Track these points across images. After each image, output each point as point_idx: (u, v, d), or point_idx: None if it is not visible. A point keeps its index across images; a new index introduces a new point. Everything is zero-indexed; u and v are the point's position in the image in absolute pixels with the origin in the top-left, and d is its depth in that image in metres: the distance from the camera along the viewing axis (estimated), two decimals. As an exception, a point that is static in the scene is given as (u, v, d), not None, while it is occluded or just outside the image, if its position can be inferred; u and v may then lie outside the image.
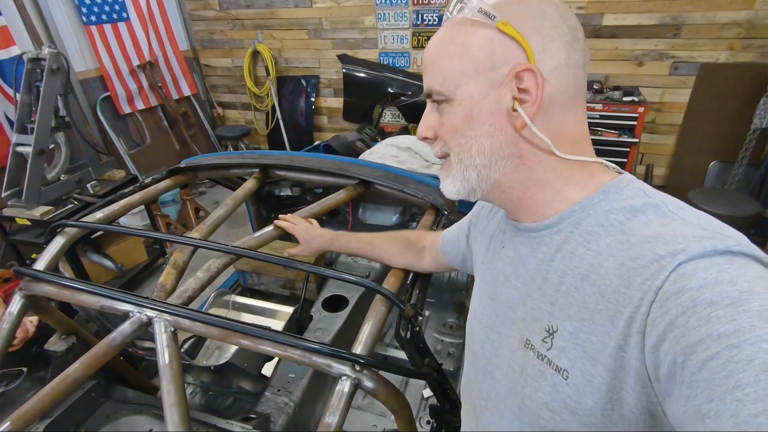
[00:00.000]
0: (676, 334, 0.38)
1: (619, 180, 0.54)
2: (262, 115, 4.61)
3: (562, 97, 0.52)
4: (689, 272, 0.40)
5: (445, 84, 0.55)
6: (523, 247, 0.60)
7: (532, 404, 0.54)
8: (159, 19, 4.03)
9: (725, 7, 2.85)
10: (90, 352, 0.92)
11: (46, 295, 1.05)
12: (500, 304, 0.63)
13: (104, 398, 1.40)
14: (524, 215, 0.59)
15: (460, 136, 0.56)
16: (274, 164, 1.51)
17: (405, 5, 3.61)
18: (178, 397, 0.84)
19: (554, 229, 0.55)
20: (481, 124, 0.54)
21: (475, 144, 0.55)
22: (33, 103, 2.37)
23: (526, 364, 0.55)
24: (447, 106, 0.56)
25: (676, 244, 0.43)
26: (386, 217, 2.51)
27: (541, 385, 0.52)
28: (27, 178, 2.30)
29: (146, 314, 0.92)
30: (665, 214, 0.48)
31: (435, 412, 0.99)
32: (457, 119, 0.55)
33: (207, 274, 1.01)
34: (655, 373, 0.41)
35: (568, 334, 0.49)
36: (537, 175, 0.55)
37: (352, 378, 0.82)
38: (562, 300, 0.51)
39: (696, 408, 0.35)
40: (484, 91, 0.53)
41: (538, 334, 0.54)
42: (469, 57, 0.53)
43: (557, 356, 0.50)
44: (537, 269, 0.56)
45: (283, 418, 1.52)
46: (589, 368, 0.47)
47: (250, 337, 0.85)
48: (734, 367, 0.34)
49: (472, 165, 0.56)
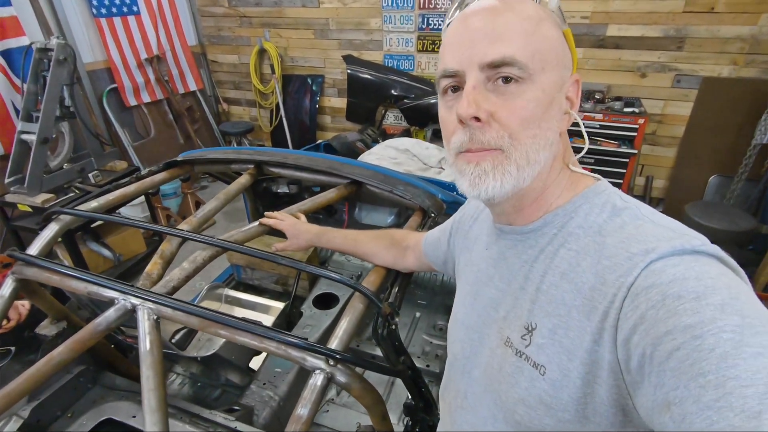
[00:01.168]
0: (646, 326, 0.40)
1: (597, 186, 0.56)
2: (266, 113, 4.65)
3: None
4: (659, 269, 0.42)
5: (534, 60, 0.49)
6: (507, 249, 0.61)
7: (508, 400, 0.55)
8: (168, 14, 4.08)
9: (729, 22, 2.85)
10: (75, 336, 0.95)
11: (38, 280, 1.08)
12: (482, 304, 0.64)
13: (92, 384, 1.43)
14: (523, 218, 0.59)
15: (536, 126, 0.51)
16: (268, 161, 1.54)
17: (411, 9, 3.63)
18: (157, 382, 0.86)
19: (540, 232, 0.57)
20: (551, 118, 0.52)
21: (543, 138, 0.52)
22: (39, 92, 2.41)
23: (505, 362, 0.56)
24: (521, 87, 0.50)
25: (647, 243, 0.45)
26: (381, 218, 2.53)
27: (518, 380, 0.53)
28: (30, 166, 2.34)
29: (131, 302, 0.95)
30: (638, 217, 0.50)
31: (410, 410, 1.00)
32: (537, 105, 0.50)
33: (192, 265, 1.04)
34: (626, 365, 0.42)
35: (547, 331, 0.51)
36: (554, 177, 0.57)
37: (325, 372, 0.84)
38: (542, 298, 0.53)
39: (663, 396, 0.37)
40: (558, 86, 0.53)
41: (517, 331, 0.55)
42: (552, 46, 0.52)
43: (535, 352, 0.52)
44: (520, 269, 0.58)
45: (267, 412, 1.54)
46: (566, 363, 0.49)
47: (229, 328, 0.88)
48: (698, 356, 0.35)
49: (535, 160, 0.52)
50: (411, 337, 2.16)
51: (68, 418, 1.33)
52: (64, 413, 1.34)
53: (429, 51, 3.75)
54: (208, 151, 1.69)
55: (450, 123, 0.54)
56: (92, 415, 1.28)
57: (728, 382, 0.33)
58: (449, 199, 1.45)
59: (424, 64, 3.83)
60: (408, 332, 2.18)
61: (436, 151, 2.77)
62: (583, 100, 3.18)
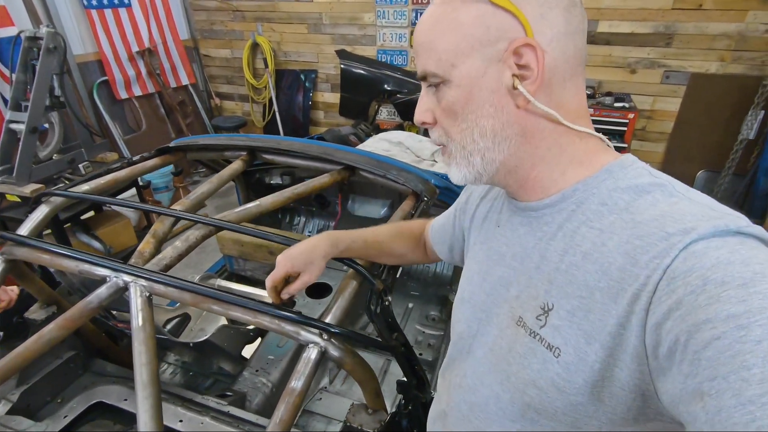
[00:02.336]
0: (682, 313, 0.38)
1: (623, 160, 0.53)
2: (259, 107, 4.63)
3: (563, 68, 0.50)
4: (700, 251, 0.40)
5: (440, 65, 0.52)
6: (521, 226, 0.59)
7: (518, 381, 0.54)
8: (160, 7, 4.05)
9: (717, 19, 2.90)
10: (65, 314, 0.94)
11: (28, 260, 1.07)
12: (491, 283, 0.62)
13: (82, 370, 1.42)
14: (528, 194, 0.57)
15: (461, 120, 0.53)
16: (261, 147, 1.54)
17: (404, 4, 3.64)
18: (149, 357, 0.86)
19: (556, 207, 0.54)
20: (482, 105, 0.51)
21: (477, 127, 0.52)
22: (29, 81, 2.38)
23: (516, 342, 0.55)
24: (444, 89, 0.53)
25: (685, 223, 0.42)
26: (375, 210, 2.53)
27: (530, 362, 0.52)
28: (18, 156, 2.31)
29: (123, 279, 0.95)
30: (672, 193, 0.47)
31: (403, 388, 1.01)
32: (455, 102, 0.52)
33: (185, 244, 1.03)
34: (654, 351, 0.40)
35: (565, 312, 0.49)
36: (542, 153, 0.54)
37: (319, 346, 0.84)
38: (561, 278, 0.50)
39: (696, 386, 0.35)
40: (482, 70, 0.50)
41: (531, 311, 0.53)
42: (462, 34, 0.50)
43: (550, 334, 0.50)
44: (535, 248, 0.55)
45: (259, 398, 1.54)
46: (583, 346, 0.47)
47: (222, 302, 0.88)
48: (741, 348, 0.33)
49: (476, 149, 0.54)
50: (404, 327, 2.17)
51: (58, 403, 1.32)
52: (53, 399, 1.33)
53: (422, 46, 3.77)
54: (200, 138, 1.68)
55: None
56: (82, 398, 1.27)
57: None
58: (441, 184, 1.46)
59: (417, 60, 3.84)
60: (401, 322, 2.19)
61: (428, 143, 2.78)
62: (575, 96, 3.21)
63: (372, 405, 0.98)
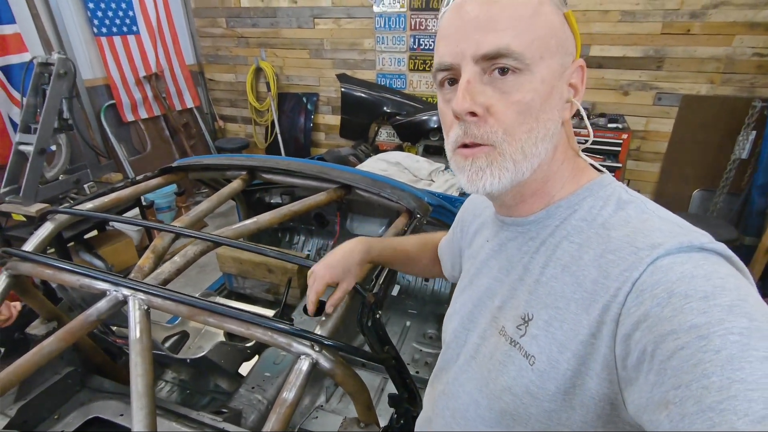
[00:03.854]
0: (649, 324, 0.39)
1: (602, 179, 0.56)
2: (261, 129, 4.73)
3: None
4: (666, 266, 0.42)
5: (532, 47, 0.48)
6: (508, 240, 0.61)
7: (495, 387, 0.56)
8: (167, 34, 4.20)
9: (705, 43, 2.99)
10: (66, 327, 0.97)
11: (31, 274, 1.10)
12: (478, 293, 0.64)
13: (80, 386, 1.43)
14: (522, 209, 0.59)
15: (533, 119, 0.50)
16: (260, 166, 1.59)
17: (403, 30, 3.77)
18: (145, 369, 0.89)
19: (542, 224, 0.56)
20: (552, 108, 0.51)
21: (542, 130, 0.50)
22: (39, 104, 2.46)
23: (497, 350, 0.56)
24: (519, 78, 0.48)
25: (654, 239, 0.44)
26: (373, 228, 2.57)
27: (507, 369, 0.54)
28: (26, 176, 2.37)
29: (122, 293, 0.98)
30: (644, 211, 0.50)
31: (394, 401, 1.02)
32: (535, 97, 0.49)
33: (183, 259, 1.07)
34: (623, 361, 0.42)
35: (542, 322, 0.51)
36: (555, 168, 0.55)
37: (311, 357, 0.86)
38: (541, 290, 0.52)
39: (661, 394, 0.36)
40: (559, 73, 0.51)
41: (512, 321, 0.55)
42: (553, 32, 0.49)
43: (528, 343, 0.52)
44: (520, 260, 0.58)
45: (255, 415, 1.54)
46: (556, 355, 0.48)
47: (217, 315, 0.90)
48: (702, 357, 0.35)
49: (533, 153, 0.51)
50: (401, 346, 2.17)
51: (54, 419, 1.33)
52: (50, 415, 1.33)
53: (420, 70, 3.88)
54: (202, 158, 1.74)
55: (447, 117, 0.53)
56: (79, 413, 1.28)
57: (733, 385, 0.32)
58: (435, 202, 1.50)
59: (415, 83, 3.95)
60: (398, 341, 2.19)
61: (426, 163, 2.83)
62: (569, 117, 3.29)
63: (363, 418, 0.99)
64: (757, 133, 2.93)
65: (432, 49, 3.75)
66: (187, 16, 4.44)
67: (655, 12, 3.03)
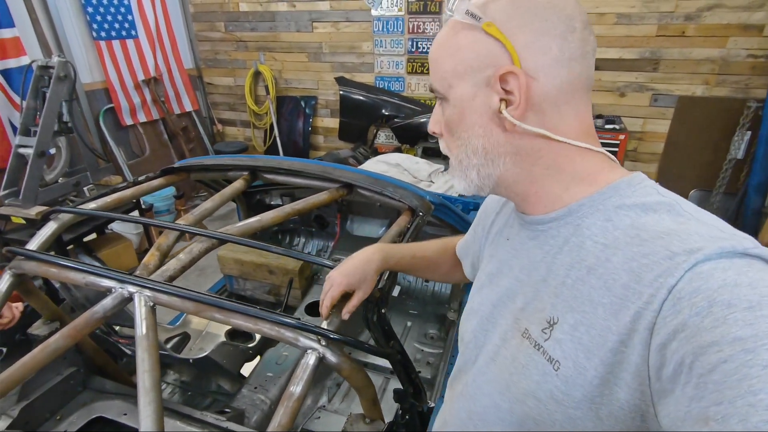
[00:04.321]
0: (687, 334, 0.37)
1: (631, 178, 0.53)
2: (260, 133, 4.74)
3: (554, 94, 0.51)
4: (707, 272, 0.39)
5: (441, 83, 0.56)
6: (529, 239, 0.60)
7: (518, 391, 0.54)
8: (166, 39, 4.22)
9: (699, 45, 3.03)
10: (71, 324, 0.97)
11: (36, 273, 1.10)
12: (498, 294, 0.63)
13: (81, 387, 1.43)
14: (532, 208, 0.58)
15: (456, 137, 0.57)
16: (262, 166, 1.59)
17: (401, 33, 3.80)
18: (152, 364, 0.89)
19: (562, 221, 0.55)
20: (472, 126, 0.55)
21: (469, 145, 0.56)
22: (38, 107, 2.47)
23: (520, 353, 0.55)
24: (445, 105, 0.58)
25: (691, 243, 0.42)
26: (373, 229, 2.58)
27: (531, 373, 0.52)
28: (26, 178, 2.37)
29: (128, 290, 0.98)
30: (679, 213, 0.47)
31: (399, 396, 1.03)
32: (451, 120, 0.57)
33: (189, 256, 1.07)
34: (657, 372, 0.40)
35: (568, 326, 0.49)
36: (539, 171, 0.55)
37: (317, 351, 0.87)
38: (567, 292, 0.51)
39: (701, 410, 0.34)
40: (472, 93, 0.54)
41: (537, 324, 0.53)
42: (459, 58, 0.53)
43: (552, 347, 0.50)
44: (542, 261, 0.56)
45: (258, 415, 1.54)
46: (582, 361, 0.47)
47: (224, 310, 0.91)
48: (748, 372, 0.33)
49: (470, 165, 0.57)
50: (404, 343, 2.17)
51: (57, 420, 1.32)
52: (53, 416, 1.33)
53: (418, 73, 3.91)
54: (204, 159, 1.74)
55: None
56: (82, 413, 1.27)
57: None
58: (437, 200, 1.51)
59: (414, 86, 3.98)
60: (401, 338, 2.19)
61: (425, 165, 2.85)
62: (567, 118, 3.32)
63: (369, 413, 0.99)
64: (752, 134, 2.97)
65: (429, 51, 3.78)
66: (185, 21, 4.46)
67: (651, 14, 3.07)
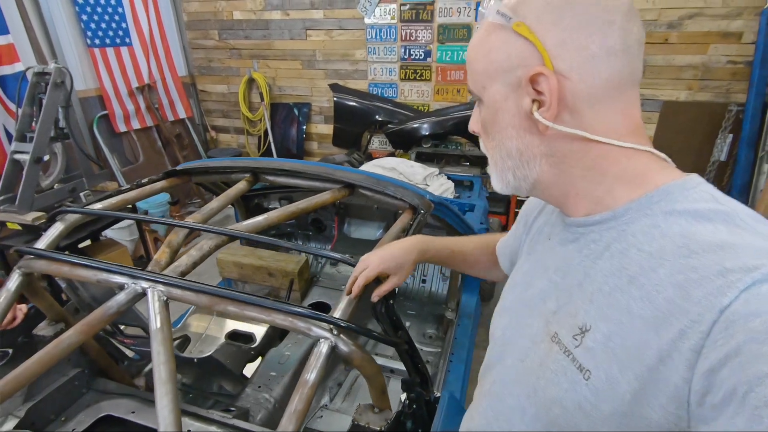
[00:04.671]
0: (742, 361, 0.34)
1: (685, 181, 0.48)
2: (254, 140, 4.76)
3: (592, 92, 0.48)
4: (765, 294, 0.36)
5: (475, 84, 0.56)
6: (569, 242, 0.57)
7: (545, 397, 0.53)
8: (160, 46, 4.24)
9: (682, 52, 3.15)
10: (85, 320, 0.99)
11: (46, 272, 1.12)
12: (531, 294, 0.62)
13: (86, 389, 1.43)
14: (573, 210, 0.56)
15: (491, 138, 0.57)
16: (264, 168, 1.63)
17: (394, 41, 3.88)
18: (167, 357, 0.91)
19: (605, 225, 0.51)
20: (505, 127, 0.54)
21: (503, 147, 0.55)
22: (35, 114, 2.47)
23: (548, 357, 0.53)
24: (481, 105, 0.57)
25: (749, 260, 0.38)
26: (371, 232, 2.61)
27: (559, 380, 0.50)
28: (22, 184, 2.36)
29: (141, 285, 1.00)
30: (737, 224, 0.43)
31: (407, 386, 1.06)
32: (485, 121, 0.57)
33: (200, 252, 1.10)
34: (702, 398, 0.37)
35: (601, 336, 0.47)
36: (579, 173, 0.52)
37: (329, 341, 0.90)
38: (603, 300, 0.48)
39: None
40: (504, 95, 0.52)
41: (568, 329, 0.51)
42: (491, 59, 0.52)
43: (583, 355, 0.48)
44: (580, 264, 0.53)
45: (262, 413, 1.55)
46: (615, 373, 0.44)
47: (238, 303, 0.93)
48: None
49: (505, 167, 0.56)
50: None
51: (62, 422, 1.32)
52: (57, 417, 1.33)
53: (411, 79, 3.98)
54: (206, 162, 1.77)
55: None
56: (89, 412, 1.28)
57: None
58: (436, 200, 1.55)
59: (407, 92, 4.05)
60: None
61: (420, 168, 2.90)
62: (556, 123, 3.41)
63: (378, 403, 1.02)
64: (734, 136, 3.08)
65: (422, 59, 3.86)
66: (179, 29, 4.49)
67: (635, 23, 3.18)
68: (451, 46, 3.73)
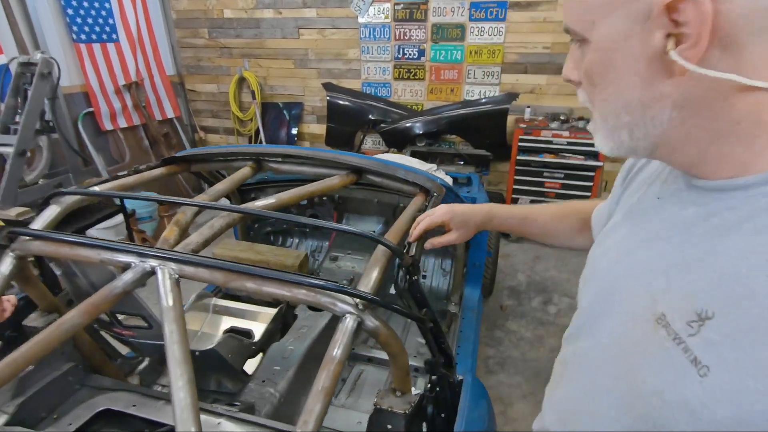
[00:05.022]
0: None
1: None
2: (244, 140, 4.69)
3: (757, 18, 0.36)
4: None
5: (580, 21, 0.45)
6: (691, 205, 0.46)
7: (644, 385, 0.45)
8: (148, 44, 4.15)
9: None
10: (90, 299, 0.92)
11: (43, 254, 1.05)
12: (633, 263, 0.51)
13: (80, 385, 1.34)
14: (709, 171, 0.44)
15: (601, 89, 0.45)
16: (268, 154, 1.58)
17: (387, 40, 3.88)
18: (180, 336, 0.85)
19: (751, 191, 0.40)
20: (624, 75, 0.42)
21: (619, 99, 0.44)
22: (19, 105, 2.37)
23: (649, 341, 0.45)
24: (583, 49, 0.46)
25: None
26: (370, 227, 2.58)
27: (663, 369, 0.43)
28: (5, 178, 2.26)
29: (149, 263, 0.94)
30: None
31: (432, 367, 1.01)
32: (592, 68, 0.45)
33: (211, 231, 1.04)
34: None
35: (729, 329, 0.38)
36: (724, 126, 0.41)
37: (355, 316, 0.85)
38: (736, 285, 0.39)
39: None
40: (623, 32, 0.41)
41: (681, 313, 0.42)
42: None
43: (701, 347, 0.39)
44: (704, 236, 0.43)
45: (267, 408, 1.49)
46: (746, 379, 0.36)
47: (256, 278, 0.88)
48: None
49: (619, 124, 0.45)
50: (405, 341, 2.15)
51: (54, 419, 1.23)
52: (49, 414, 1.24)
53: (405, 79, 3.98)
54: (208, 148, 1.71)
55: None
56: (84, 408, 1.20)
57: None
58: (445, 185, 1.53)
59: (400, 91, 4.04)
60: (402, 336, 2.18)
61: (418, 164, 2.88)
62: (549, 120, 3.44)
63: (399, 385, 0.97)
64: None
65: (415, 58, 3.87)
66: (167, 27, 4.41)
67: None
68: (444, 45, 3.75)
